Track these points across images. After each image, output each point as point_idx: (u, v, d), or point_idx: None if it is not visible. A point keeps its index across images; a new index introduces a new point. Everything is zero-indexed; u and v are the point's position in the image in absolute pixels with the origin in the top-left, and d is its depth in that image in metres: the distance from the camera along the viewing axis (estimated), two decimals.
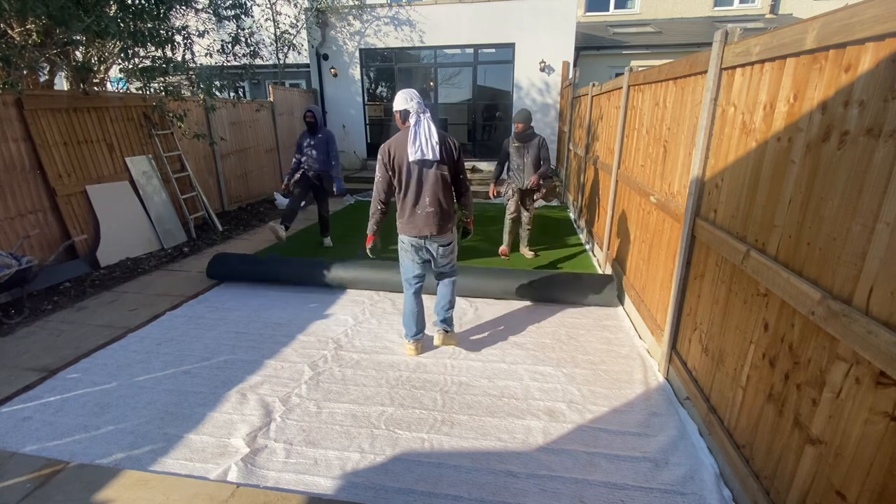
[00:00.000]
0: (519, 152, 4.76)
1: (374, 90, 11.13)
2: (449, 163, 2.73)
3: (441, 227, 2.79)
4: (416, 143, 2.61)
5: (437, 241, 2.83)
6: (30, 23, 4.29)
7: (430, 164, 2.68)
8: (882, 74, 1.23)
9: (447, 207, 2.79)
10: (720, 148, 2.22)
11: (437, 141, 2.63)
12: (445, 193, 2.77)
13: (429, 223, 2.76)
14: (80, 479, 2.04)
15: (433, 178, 2.71)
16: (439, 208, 2.76)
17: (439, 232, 2.79)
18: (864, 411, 1.25)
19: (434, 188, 2.72)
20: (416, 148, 2.61)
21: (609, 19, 13.27)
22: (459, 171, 2.82)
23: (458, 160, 2.78)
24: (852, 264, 1.30)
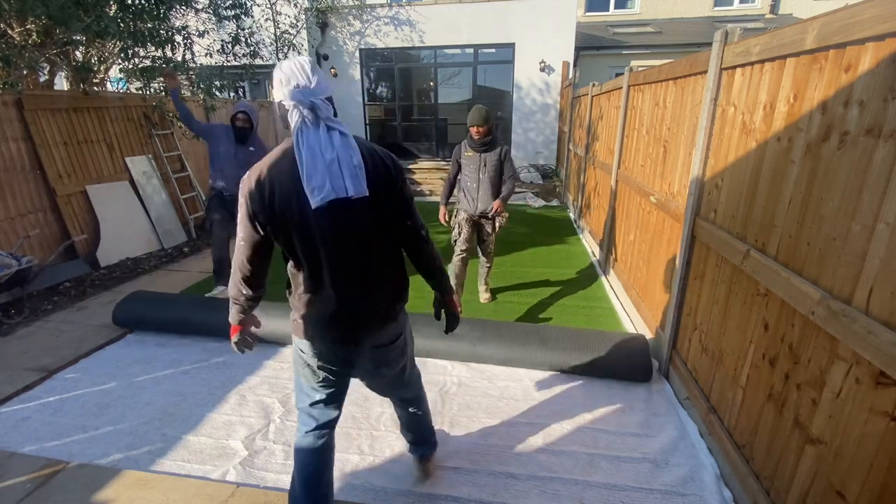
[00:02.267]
0: (473, 165, 3.47)
1: (375, 90, 11.14)
2: (385, 201, 1.42)
3: (382, 321, 1.56)
4: (317, 174, 1.29)
5: (372, 345, 1.59)
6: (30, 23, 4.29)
7: (350, 208, 1.35)
8: (882, 74, 1.23)
9: (394, 281, 1.57)
10: (720, 148, 2.21)
11: (357, 162, 1.33)
12: (386, 257, 1.52)
13: (357, 319, 1.51)
14: (79, 479, 2.04)
15: (359, 233, 1.41)
16: (378, 287, 1.51)
17: (379, 326, 1.56)
18: (864, 411, 1.25)
19: (363, 252, 1.44)
20: (318, 183, 1.28)
21: (609, 19, 13.28)
22: (406, 213, 1.50)
23: (400, 193, 1.46)
24: (852, 264, 1.30)
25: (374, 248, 1.46)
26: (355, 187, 1.31)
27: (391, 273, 1.56)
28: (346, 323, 1.51)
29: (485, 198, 3.49)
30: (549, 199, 8.35)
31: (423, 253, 1.61)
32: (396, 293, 1.60)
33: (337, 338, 1.54)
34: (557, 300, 4.01)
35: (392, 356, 1.69)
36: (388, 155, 1.47)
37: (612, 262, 4.37)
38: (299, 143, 1.29)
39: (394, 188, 1.44)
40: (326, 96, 1.35)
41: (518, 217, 7.20)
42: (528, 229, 6.44)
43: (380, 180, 1.39)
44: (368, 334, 1.56)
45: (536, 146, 10.21)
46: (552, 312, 3.77)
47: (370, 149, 1.43)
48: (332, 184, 1.29)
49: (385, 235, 1.49)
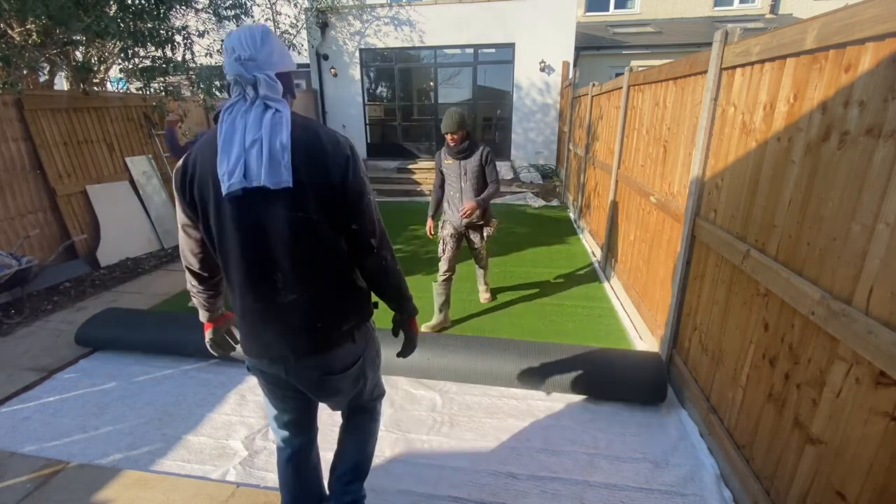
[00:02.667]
0: (454, 174, 3.25)
1: (374, 90, 11.13)
2: (317, 196, 1.16)
3: (324, 344, 1.29)
4: (231, 158, 1.11)
5: (317, 371, 1.33)
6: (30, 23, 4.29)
7: (269, 201, 1.14)
8: (882, 74, 1.23)
9: (340, 294, 1.30)
10: (720, 148, 2.21)
11: (281, 146, 1.10)
12: (326, 265, 1.25)
13: (284, 338, 1.26)
14: (79, 479, 2.04)
15: (283, 232, 1.17)
16: (312, 302, 1.25)
17: (317, 349, 1.29)
18: (864, 411, 1.25)
19: (290, 256, 1.19)
20: (229, 167, 1.10)
21: (609, 19, 13.27)
22: (352, 214, 1.22)
23: (342, 188, 1.18)
24: (852, 264, 1.30)
25: (306, 253, 1.19)
26: (270, 176, 1.09)
27: (335, 285, 1.26)
28: (271, 339, 1.26)
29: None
30: (549, 199, 8.35)
31: (368, 266, 1.31)
32: (341, 312, 1.29)
33: (264, 353, 1.30)
34: (558, 300, 4.00)
35: (343, 385, 1.39)
36: (336, 141, 1.19)
37: (612, 262, 4.37)
38: (223, 121, 1.13)
39: (331, 181, 1.16)
40: (278, 71, 1.16)
41: (518, 217, 7.20)
42: (528, 229, 6.44)
43: (312, 170, 1.14)
44: (304, 356, 1.27)
45: (536, 146, 10.21)
46: (552, 313, 3.76)
47: (312, 132, 1.16)
48: (245, 170, 1.09)
49: (325, 238, 1.20)
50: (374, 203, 1.28)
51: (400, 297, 1.43)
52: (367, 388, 1.54)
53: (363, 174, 1.23)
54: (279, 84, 1.15)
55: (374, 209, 1.27)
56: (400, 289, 1.41)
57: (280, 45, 1.18)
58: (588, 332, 3.43)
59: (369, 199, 1.25)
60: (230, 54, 1.12)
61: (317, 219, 1.17)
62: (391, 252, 1.35)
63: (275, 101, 1.13)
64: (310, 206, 1.16)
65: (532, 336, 3.35)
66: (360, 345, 1.39)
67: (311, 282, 1.23)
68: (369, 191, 1.25)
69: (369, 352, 1.47)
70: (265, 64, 1.13)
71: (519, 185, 9.21)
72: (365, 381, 1.50)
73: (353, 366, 1.38)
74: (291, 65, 1.22)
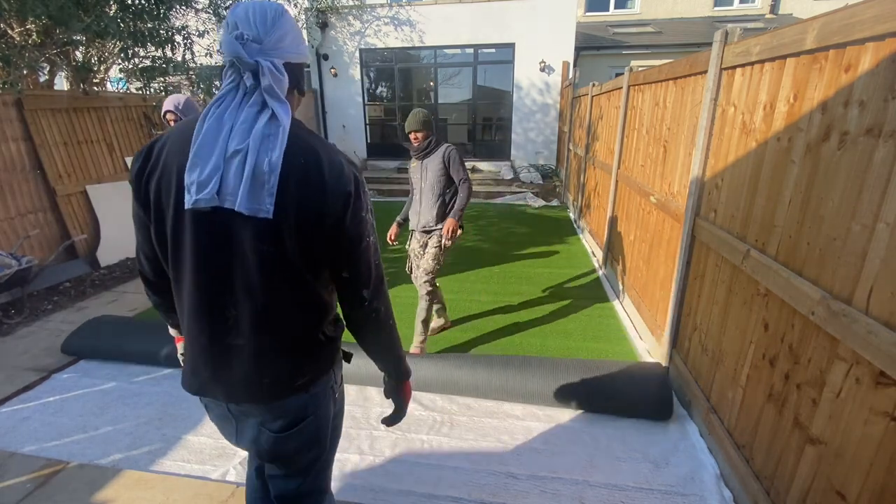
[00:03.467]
0: (417, 175, 3.07)
1: (374, 90, 11.13)
2: (300, 235, 0.94)
3: (268, 392, 1.05)
4: (205, 165, 0.88)
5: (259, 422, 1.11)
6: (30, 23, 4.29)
7: (240, 228, 0.92)
8: (882, 74, 1.23)
9: (299, 343, 1.07)
10: (720, 148, 2.21)
11: (270, 167, 0.87)
12: (293, 310, 1.02)
13: (228, 377, 1.05)
14: (80, 478, 2.04)
15: (249, 264, 0.95)
16: (262, 348, 1.03)
17: (269, 397, 1.06)
18: (864, 411, 1.25)
19: (252, 295, 0.98)
20: (201, 177, 0.87)
21: (609, 19, 13.27)
22: (344, 260, 1.01)
23: (336, 231, 0.96)
24: (852, 264, 1.30)
25: (273, 297, 0.97)
26: (249, 201, 0.87)
27: (299, 339, 1.05)
28: (208, 378, 1.06)
29: (426, 211, 3.02)
30: (549, 199, 8.35)
31: (355, 320, 1.09)
32: (298, 367, 1.06)
33: (199, 391, 1.09)
34: (557, 300, 4.01)
35: (287, 448, 1.12)
36: (339, 172, 0.94)
37: (612, 262, 4.37)
38: (207, 115, 0.90)
39: (322, 221, 0.93)
40: (286, 61, 0.94)
41: (518, 217, 7.21)
42: (528, 229, 6.45)
43: (301, 203, 0.91)
44: (246, 401, 1.06)
45: (536, 146, 10.21)
46: (552, 313, 3.76)
47: (313, 155, 0.93)
48: (221, 185, 0.87)
49: (300, 284, 0.98)
50: (375, 245, 1.05)
51: (390, 357, 1.18)
52: (316, 469, 1.22)
53: (366, 212, 1.00)
54: (286, 78, 0.93)
55: (374, 253, 1.04)
56: (391, 348, 1.16)
57: (296, 28, 0.97)
58: (588, 331, 3.44)
59: (368, 244, 1.02)
60: (231, 30, 0.90)
61: (295, 260, 0.95)
62: (386, 304, 1.10)
63: (276, 99, 0.90)
64: (289, 245, 0.92)
65: (532, 335, 3.36)
66: (314, 399, 1.11)
67: (270, 330, 1.00)
68: (371, 232, 1.02)
69: (325, 410, 1.14)
70: (273, 49, 0.92)
71: (519, 185, 9.21)
72: (319, 452, 1.18)
73: (300, 423, 1.09)
74: (304, 55, 1.00)
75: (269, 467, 1.22)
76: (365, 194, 1.01)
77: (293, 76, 0.97)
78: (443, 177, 2.97)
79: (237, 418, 1.12)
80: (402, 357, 1.20)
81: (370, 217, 1.03)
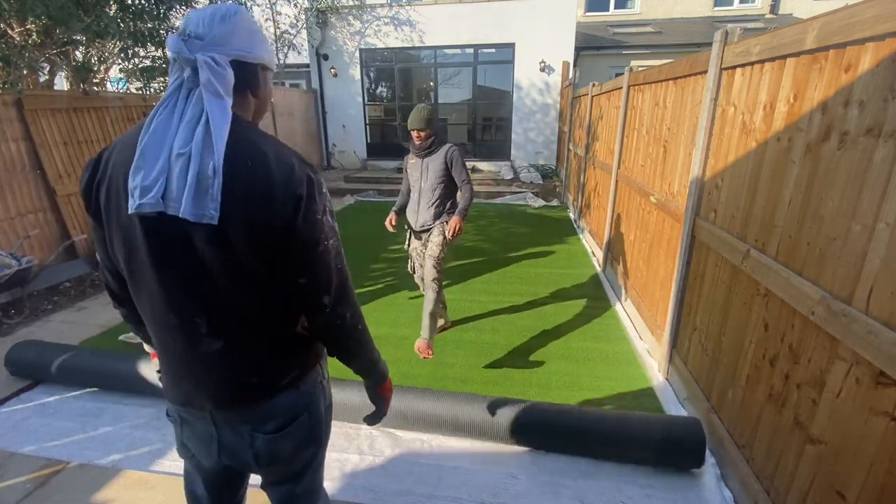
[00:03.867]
0: (416, 173, 3.00)
1: (374, 90, 11.14)
2: (249, 239, 0.88)
3: (252, 392, 1.03)
4: (150, 169, 0.84)
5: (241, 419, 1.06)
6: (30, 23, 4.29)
7: (186, 233, 0.88)
8: (882, 74, 1.23)
9: (271, 346, 1.03)
10: (720, 148, 2.22)
11: (215, 167, 0.83)
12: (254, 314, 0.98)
13: (210, 384, 1.02)
14: (79, 479, 2.04)
15: (207, 268, 0.91)
16: (239, 350, 1.00)
17: (245, 400, 1.04)
18: (864, 411, 1.25)
19: (209, 293, 0.94)
20: (145, 181, 0.84)
21: (609, 19, 13.28)
22: (299, 265, 0.94)
23: (288, 234, 0.90)
24: (852, 264, 1.30)
25: (238, 299, 0.94)
26: (193, 208, 0.83)
27: (275, 337, 1.02)
28: (191, 388, 1.02)
29: (424, 211, 2.98)
30: (549, 199, 8.35)
31: (317, 327, 1.03)
32: (281, 365, 1.05)
33: (185, 401, 1.04)
34: (557, 301, 4.00)
35: (282, 449, 1.08)
36: (289, 172, 0.89)
37: (612, 262, 4.37)
38: (154, 116, 0.87)
39: (272, 224, 0.88)
40: (236, 58, 0.90)
41: (518, 217, 7.21)
42: (528, 229, 6.45)
43: (248, 207, 0.86)
44: (231, 408, 1.03)
45: (536, 146, 10.21)
46: (552, 313, 3.76)
47: (260, 156, 0.89)
48: (166, 190, 0.84)
49: (262, 285, 0.94)
50: (336, 249, 0.98)
51: (363, 362, 1.13)
52: (312, 468, 1.20)
53: (323, 215, 0.94)
54: (229, 73, 0.88)
55: (335, 257, 0.98)
56: (360, 353, 1.11)
57: (249, 29, 0.93)
58: (588, 331, 3.44)
59: (327, 247, 0.95)
60: (180, 31, 0.89)
61: (251, 264, 0.91)
62: (353, 309, 1.03)
63: (215, 95, 0.85)
64: (242, 250, 0.88)
65: (532, 335, 3.36)
66: (305, 396, 1.09)
67: (244, 332, 0.98)
68: (330, 235, 0.96)
69: (317, 406, 1.13)
70: (215, 45, 0.88)
71: (519, 185, 9.21)
72: (315, 450, 1.17)
73: (293, 422, 1.07)
74: (262, 56, 0.96)
75: (265, 474, 1.18)
76: (322, 195, 0.94)
77: (242, 75, 0.92)
78: (444, 177, 2.92)
79: (222, 430, 1.06)
80: (376, 360, 1.15)
81: (328, 219, 0.96)
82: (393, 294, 4.14)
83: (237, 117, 0.90)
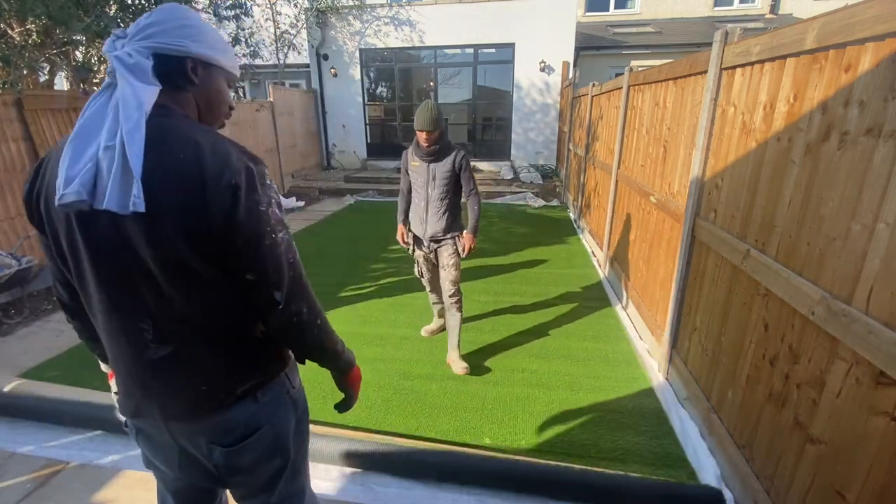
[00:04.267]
0: (421, 178, 2.79)
1: (374, 90, 11.14)
2: (192, 236, 0.84)
3: (205, 402, 0.98)
4: (74, 162, 0.81)
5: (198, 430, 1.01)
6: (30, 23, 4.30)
7: (118, 228, 0.84)
8: (882, 74, 1.23)
9: (224, 349, 0.97)
10: (720, 148, 2.22)
11: (139, 149, 0.79)
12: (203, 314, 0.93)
13: (161, 393, 0.97)
14: (79, 478, 2.04)
15: (148, 268, 0.87)
16: (189, 356, 0.95)
17: (199, 412, 0.99)
18: (864, 411, 1.25)
19: (152, 296, 0.89)
20: (71, 173, 0.80)
21: (609, 19, 13.28)
22: (246, 260, 0.89)
23: (228, 225, 0.85)
24: (852, 264, 1.30)
25: (184, 300, 0.90)
26: (119, 198, 0.79)
27: (226, 339, 0.97)
28: (142, 398, 0.98)
29: (434, 220, 2.81)
30: (549, 199, 8.35)
31: (272, 326, 0.96)
32: (236, 371, 0.99)
33: (137, 413, 1.01)
34: (557, 301, 4.01)
35: (243, 461, 1.03)
36: (224, 161, 0.85)
37: (612, 262, 4.37)
38: (84, 111, 0.85)
39: (207, 216, 0.83)
40: (157, 51, 0.87)
41: (518, 217, 7.21)
42: (528, 229, 6.45)
43: (179, 197, 0.82)
44: (186, 415, 0.99)
45: (536, 146, 10.21)
46: (552, 313, 3.77)
47: (190, 144, 0.85)
48: (97, 184, 0.80)
49: (209, 283, 0.90)
50: (287, 242, 0.93)
51: (325, 356, 1.07)
52: (284, 478, 1.12)
53: (268, 206, 0.89)
54: (146, 62, 0.84)
55: (285, 251, 0.92)
56: (323, 349, 1.05)
57: (182, 23, 0.90)
58: (588, 331, 3.44)
59: (276, 240, 0.90)
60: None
61: (193, 262, 0.86)
62: (310, 303, 0.97)
63: (128, 83, 0.82)
64: (182, 247, 0.84)
65: (532, 335, 3.36)
66: (266, 407, 1.03)
67: (192, 337, 0.93)
68: (278, 228, 0.91)
69: (283, 418, 1.07)
70: (138, 38, 0.86)
71: (519, 185, 9.21)
72: (284, 461, 1.10)
73: (253, 434, 1.01)
74: (195, 51, 0.90)
75: (232, 489, 1.13)
76: (266, 186, 0.90)
77: (165, 68, 0.88)
78: (452, 184, 2.76)
79: (180, 441, 1.02)
80: (339, 351, 1.09)
81: (275, 212, 0.91)
82: (393, 294, 4.14)
83: (172, 111, 0.89)
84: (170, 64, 0.89)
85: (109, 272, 0.89)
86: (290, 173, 9.63)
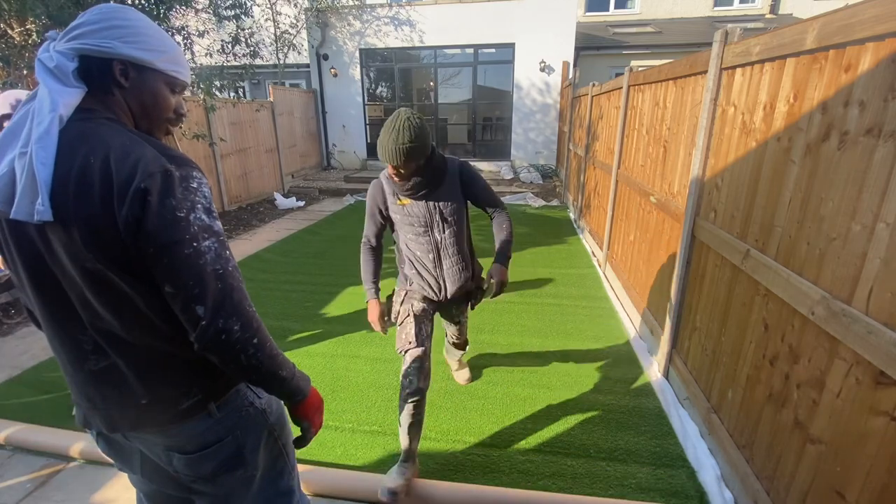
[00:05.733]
0: (418, 220, 1.94)
1: (374, 90, 11.15)
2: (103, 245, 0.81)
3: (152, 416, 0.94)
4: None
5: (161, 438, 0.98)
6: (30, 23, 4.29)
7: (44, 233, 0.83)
8: (882, 74, 1.23)
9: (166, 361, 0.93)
10: (720, 148, 2.22)
11: (47, 154, 0.77)
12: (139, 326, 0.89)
13: (105, 406, 0.94)
14: (79, 478, 2.04)
15: (73, 279, 0.85)
16: (129, 367, 0.91)
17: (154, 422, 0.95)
18: (864, 411, 1.25)
19: (83, 307, 0.87)
20: None
21: (609, 19, 13.28)
22: (165, 273, 0.82)
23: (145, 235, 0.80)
24: (852, 264, 1.30)
25: (115, 312, 0.86)
26: (26, 206, 0.77)
27: (167, 351, 0.92)
28: (88, 410, 0.96)
29: (455, 272, 2.04)
30: (549, 199, 8.35)
31: (201, 344, 0.85)
32: (179, 384, 0.94)
33: (86, 424, 0.99)
34: (557, 300, 4.01)
35: (204, 468, 0.99)
36: (133, 163, 0.80)
37: (612, 262, 4.37)
38: (17, 110, 0.85)
39: (114, 223, 0.79)
40: (81, 53, 0.84)
41: (518, 217, 7.20)
42: (528, 229, 6.45)
43: (84, 203, 0.78)
44: (129, 429, 0.96)
45: (536, 146, 10.22)
46: (552, 312, 3.77)
47: (101, 147, 0.80)
48: (7, 190, 0.80)
49: (136, 295, 0.86)
50: (215, 252, 0.85)
51: (264, 381, 0.94)
52: (255, 489, 1.08)
53: (188, 212, 0.83)
54: (68, 64, 0.82)
55: (212, 261, 0.84)
56: (259, 371, 0.91)
57: (113, 24, 0.85)
58: (588, 332, 3.44)
59: (197, 250, 0.82)
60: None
61: (108, 270, 0.82)
62: (243, 318, 0.86)
63: (46, 88, 0.80)
64: (97, 255, 0.80)
65: (532, 336, 3.36)
66: (225, 421, 0.99)
67: (126, 347, 0.89)
68: (202, 237, 0.83)
69: (249, 430, 1.02)
70: (64, 38, 0.84)
71: (519, 185, 9.21)
72: (251, 473, 1.05)
73: (214, 444, 0.97)
74: (125, 52, 0.86)
75: (200, 500, 1.08)
76: (189, 191, 0.84)
77: (88, 69, 0.85)
78: (462, 209, 1.99)
79: (139, 447, 1.01)
80: (284, 377, 0.96)
81: (200, 218, 0.84)
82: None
83: (96, 114, 0.85)
84: (92, 65, 0.85)
85: (41, 280, 0.87)
86: (290, 173, 9.64)
